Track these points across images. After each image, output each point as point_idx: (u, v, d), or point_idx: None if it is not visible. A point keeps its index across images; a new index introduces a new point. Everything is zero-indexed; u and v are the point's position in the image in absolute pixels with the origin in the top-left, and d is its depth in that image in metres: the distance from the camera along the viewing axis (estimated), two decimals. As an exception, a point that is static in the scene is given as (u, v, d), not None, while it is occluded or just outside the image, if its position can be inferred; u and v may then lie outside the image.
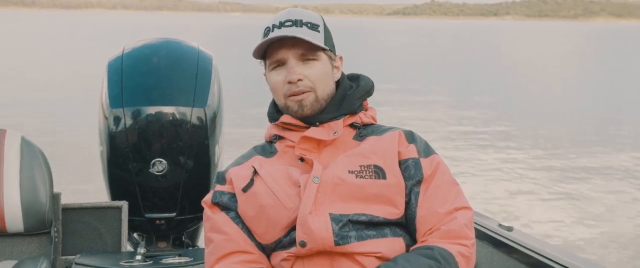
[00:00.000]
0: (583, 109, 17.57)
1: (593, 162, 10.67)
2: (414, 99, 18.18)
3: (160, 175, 3.05)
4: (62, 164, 8.35)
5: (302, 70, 1.91)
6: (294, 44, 1.90)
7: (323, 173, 1.83)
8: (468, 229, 1.82)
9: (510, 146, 11.80)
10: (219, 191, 1.95)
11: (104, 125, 3.09)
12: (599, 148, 11.79)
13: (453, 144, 11.71)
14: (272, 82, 1.95)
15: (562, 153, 11.27)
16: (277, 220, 1.84)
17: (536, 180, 9.31)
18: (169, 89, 3.12)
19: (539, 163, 10.42)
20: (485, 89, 22.06)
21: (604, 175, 9.80)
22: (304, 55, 1.92)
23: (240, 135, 10.77)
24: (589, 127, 14.32)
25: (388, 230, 1.82)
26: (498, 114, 15.90)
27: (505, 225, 2.49)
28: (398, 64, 32.17)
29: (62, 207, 3.06)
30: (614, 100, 20.11)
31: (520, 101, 18.74)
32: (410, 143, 1.93)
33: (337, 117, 1.95)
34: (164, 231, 3.25)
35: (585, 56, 48.13)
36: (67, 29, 76.95)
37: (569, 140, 12.58)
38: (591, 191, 8.81)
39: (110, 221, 3.14)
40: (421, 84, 22.77)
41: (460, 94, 20.08)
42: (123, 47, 3.30)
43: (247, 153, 2.04)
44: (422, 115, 15.29)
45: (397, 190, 1.85)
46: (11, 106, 14.52)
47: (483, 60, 39.19)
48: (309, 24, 1.93)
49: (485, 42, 68.58)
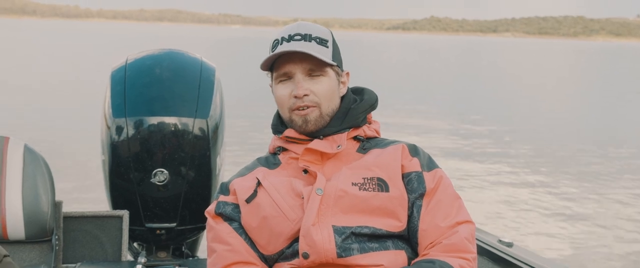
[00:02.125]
0: (582, 127, 17.59)
1: (592, 179, 10.67)
2: (413, 114, 18.19)
3: (162, 185, 3.05)
4: (64, 173, 8.37)
5: (309, 86, 1.91)
6: (302, 58, 1.91)
7: (326, 186, 1.84)
8: (469, 243, 1.83)
9: (510, 162, 11.80)
10: (223, 201, 1.95)
11: (106, 134, 3.09)
12: (598, 166, 11.80)
13: (453, 160, 11.71)
14: (278, 95, 1.96)
15: (561, 170, 11.28)
16: (280, 232, 1.85)
17: (536, 196, 9.31)
18: (171, 100, 3.12)
19: (538, 179, 10.42)
20: (484, 105, 22.08)
21: (603, 192, 9.80)
22: (312, 71, 1.92)
23: (243, 146, 10.78)
24: (588, 144, 14.33)
25: (390, 243, 1.83)
26: (497, 130, 15.91)
27: (505, 241, 2.50)
28: (397, 79, 32.19)
29: (63, 215, 3.06)
30: (614, 119, 20.14)
31: (519, 118, 18.75)
32: (413, 156, 1.94)
33: (341, 130, 1.96)
34: (164, 241, 3.24)
35: (585, 74, 48.21)
36: (68, 38, 77.02)
37: (568, 157, 12.58)
38: (591, 208, 8.81)
39: (111, 230, 3.14)
40: (420, 99, 22.78)
41: (459, 110, 20.09)
42: (126, 57, 3.30)
43: (251, 164, 2.04)
44: (421, 130, 15.30)
45: (399, 203, 1.86)
46: (13, 114, 14.53)
47: (482, 76, 39.23)
48: (317, 39, 1.93)
49: (484, 59, 68.68)
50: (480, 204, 8.58)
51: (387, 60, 55.77)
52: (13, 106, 16.09)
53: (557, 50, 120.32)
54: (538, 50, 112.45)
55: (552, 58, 78.90)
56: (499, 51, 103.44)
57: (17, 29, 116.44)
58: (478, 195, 9.17)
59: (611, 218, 8.34)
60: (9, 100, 17.18)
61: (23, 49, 45.24)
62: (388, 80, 29.91)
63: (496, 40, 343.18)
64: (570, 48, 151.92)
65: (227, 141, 3.37)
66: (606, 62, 73.66)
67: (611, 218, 8.37)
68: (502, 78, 38.57)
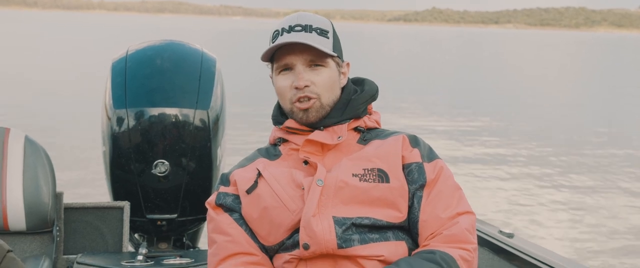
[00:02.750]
0: (584, 118, 17.59)
1: (594, 170, 10.68)
2: (414, 106, 18.18)
3: (162, 177, 3.06)
4: (66, 164, 8.38)
5: (310, 77, 1.91)
6: (302, 49, 1.90)
7: (327, 177, 1.84)
8: (470, 234, 1.83)
9: (511, 154, 11.81)
10: (223, 192, 1.95)
11: (107, 125, 3.09)
12: (600, 158, 11.80)
13: (453, 150, 11.71)
14: (279, 86, 1.95)
15: (563, 161, 11.28)
16: (281, 222, 1.85)
17: (537, 187, 9.32)
18: (172, 91, 3.13)
19: (540, 171, 10.43)
20: (486, 97, 22.07)
21: (605, 183, 9.81)
22: (312, 61, 1.92)
23: (242, 138, 10.78)
24: (590, 136, 14.33)
25: (391, 234, 1.83)
26: (498, 122, 15.90)
27: (506, 232, 2.50)
28: (398, 71, 32.17)
29: (64, 207, 3.06)
30: (616, 109, 20.13)
31: (520, 110, 18.75)
32: (414, 147, 1.93)
33: (341, 121, 1.95)
34: (165, 232, 3.25)
35: (587, 65, 48.16)
36: (69, 29, 77.02)
37: (570, 148, 12.58)
38: (594, 200, 8.81)
39: (112, 221, 3.14)
40: (421, 91, 22.77)
41: (460, 102, 20.09)
42: (127, 48, 3.30)
43: (251, 155, 2.04)
44: (422, 121, 15.30)
45: (400, 193, 1.85)
46: (14, 106, 14.54)
47: (484, 68, 39.20)
48: (318, 30, 1.93)
49: (486, 50, 68.59)
50: (481, 195, 8.59)
51: (389, 52, 55.74)
52: (14, 98, 16.10)
53: (558, 42, 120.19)
54: (540, 42, 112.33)
55: (554, 49, 78.81)
56: (500, 42, 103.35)
57: (17, 20, 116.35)
58: (479, 185, 9.18)
59: (614, 210, 8.36)
60: (10, 92, 17.19)
61: (23, 41, 45.20)
62: (389, 72, 29.90)
63: (498, 31, 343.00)
64: (572, 39, 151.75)
65: (227, 132, 3.37)
66: (608, 54, 73.59)
67: (614, 209, 8.38)
68: (504, 69, 38.56)
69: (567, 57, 60.83)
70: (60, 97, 16.99)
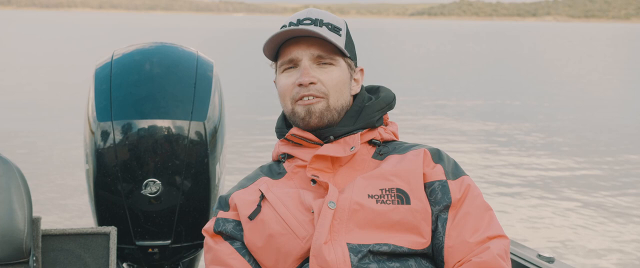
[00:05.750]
0: (635, 123, 17.51)
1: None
2: (439, 113, 18.16)
3: (154, 198, 3.06)
4: (43, 185, 8.41)
5: (317, 74, 1.91)
6: (310, 44, 1.90)
7: (339, 198, 1.84)
8: (503, 261, 1.81)
9: (551, 166, 11.76)
10: (222, 218, 1.95)
11: (90, 140, 3.10)
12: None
13: (483, 165, 11.68)
14: (281, 84, 1.95)
15: (612, 174, 11.23)
16: (289, 251, 1.84)
17: (581, 205, 9.27)
18: (163, 100, 3.13)
19: (585, 184, 10.38)
20: (522, 101, 22.02)
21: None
22: (321, 58, 1.92)
23: (245, 153, 10.81)
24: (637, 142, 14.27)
25: (413, 262, 1.82)
26: (538, 131, 15.86)
27: (546, 256, 2.49)
28: (422, 72, 32.16)
29: (42, 233, 3.07)
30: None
31: (561, 114, 18.69)
32: (436, 163, 1.93)
33: (353, 131, 1.95)
34: (158, 261, 3.25)
35: (638, 62, 47.97)
36: (47, 31, 77.46)
37: (620, 158, 12.52)
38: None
39: (96, 249, 3.15)
40: (448, 95, 22.76)
41: (493, 107, 20.05)
42: (112, 52, 3.31)
43: (253, 174, 2.04)
44: (447, 131, 15.27)
45: (422, 216, 1.85)
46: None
47: (520, 67, 39.12)
48: (329, 25, 1.93)
49: (523, 47, 68.47)
50: (516, 214, 8.54)
51: (410, 50, 55.72)
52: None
53: (605, 36, 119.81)
54: (584, 36, 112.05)
55: (600, 44, 78.57)
56: (539, 37, 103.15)
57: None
58: (513, 204, 9.13)
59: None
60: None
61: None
62: (412, 73, 29.89)
63: (536, 24, 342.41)
64: (620, 32, 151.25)
65: (227, 146, 3.37)
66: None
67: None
68: (543, 68, 38.42)
69: (616, 53, 60.59)
70: (36, 108, 17.04)
